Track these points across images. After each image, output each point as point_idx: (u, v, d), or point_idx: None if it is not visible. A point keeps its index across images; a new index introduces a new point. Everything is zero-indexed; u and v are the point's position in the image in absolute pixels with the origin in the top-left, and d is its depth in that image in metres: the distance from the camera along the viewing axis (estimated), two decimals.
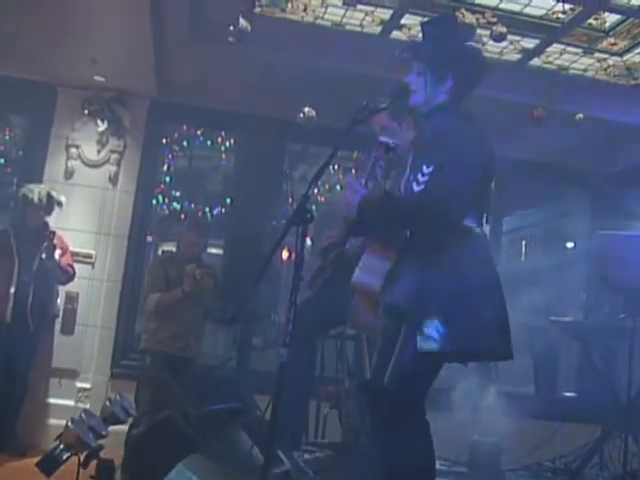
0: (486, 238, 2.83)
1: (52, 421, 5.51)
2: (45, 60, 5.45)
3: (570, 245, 7.30)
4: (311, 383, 4.13)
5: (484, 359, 2.99)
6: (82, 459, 3.17)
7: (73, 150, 5.94)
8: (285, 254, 7.39)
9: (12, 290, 5.23)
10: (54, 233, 5.40)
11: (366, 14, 5.14)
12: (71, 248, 5.63)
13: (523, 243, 8.61)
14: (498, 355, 2.80)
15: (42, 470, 3.15)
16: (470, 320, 2.55)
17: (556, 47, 5.34)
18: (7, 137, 6.75)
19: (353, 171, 6.26)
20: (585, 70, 5.63)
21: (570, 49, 5.35)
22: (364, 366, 3.99)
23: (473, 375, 4.35)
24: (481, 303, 2.59)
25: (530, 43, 5.30)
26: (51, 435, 3.57)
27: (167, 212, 6.95)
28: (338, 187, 6.99)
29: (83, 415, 3.33)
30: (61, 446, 3.16)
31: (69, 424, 3.21)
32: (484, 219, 2.78)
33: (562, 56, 5.47)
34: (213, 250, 6.56)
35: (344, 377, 4.36)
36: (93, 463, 3.20)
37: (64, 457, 3.14)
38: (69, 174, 5.96)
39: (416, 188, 2.62)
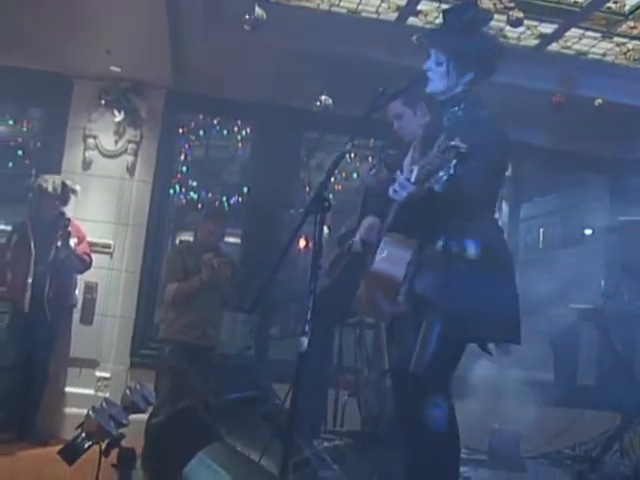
0: (500, 227, 2.93)
1: (72, 410, 5.53)
2: (60, 51, 5.44)
3: (588, 232, 7.23)
4: (329, 371, 4.14)
5: (498, 342, 3.04)
6: (103, 448, 3.18)
7: (90, 141, 5.95)
8: (302, 243, 7.36)
9: (29, 280, 5.27)
10: (69, 220, 5.43)
11: (382, 0, 5.10)
12: (89, 238, 5.66)
13: (541, 231, 8.53)
14: (511, 339, 2.85)
15: (64, 458, 3.14)
16: (491, 307, 2.63)
17: (575, 32, 5.29)
18: (24, 129, 6.76)
19: (370, 159, 6.23)
20: (604, 55, 5.56)
21: (589, 33, 5.29)
22: (383, 354, 3.97)
23: (490, 362, 4.33)
24: (500, 290, 2.69)
25: (548, 28, 5.25)
26: (71, 424, 3.58)
27: (184, 202, 6.94)
28: (355, 175, 6.94)
29: (104, 404, 3.32)
30: (83, 435, 3.15)
31: (90, 413, 3.19)
32: (496, 207, 2.87)
33: (581, 41, 5.41)
34: (230, 239, 6.55)
35: (363, 365, 4.33)
36: (114, 452, 3.21)
37: (86, 446, 3.12)
38: (87, 165, 5.98)
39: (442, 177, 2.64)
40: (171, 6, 4.65)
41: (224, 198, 7.09)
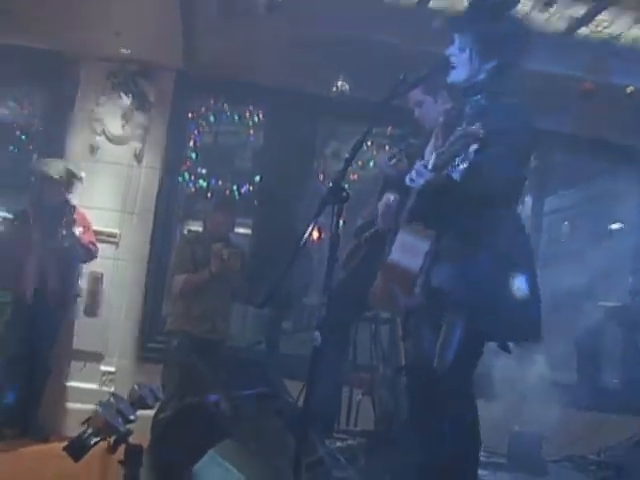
0: (521, 220, 2.89)
1: (75, 405, 5.43)
2: (68, 31, 5.30)
3: (615, 226, 7.08)
4: (344, 367, 4.10)
5: (517, 341, 2.93)
6: (111, 444, 3.09)
7: (97, 125, 5.82)
8: (315, 234, 7.23)
9: (32, 270, 5.14)
10: (74, 207, 5.33)
11: None
12: (95, 227, 5.55)
13: (565, 224, 8.43)
14: (531, 337, 2.81)
15: (71, 455, 3.10)
16: (510, 303, 2.59)
17: (606, 15, 5.12)
18: (27, 112, 6.65)
19: (387, 148, 6.11)
20: (637, 39, 5.38)
21: (621, 17, 5.12)
22: (399, 351, 3.87)
23: (511, 360, 4.20)
24: (520, 286, 2.63)
25: (578, 11, 5.09)
26: (74, 420, 3.52)
27: (193, 190, 6.82)
28: (371, 164, 6.80)
29: (112, 399, 3.28)
30: (89, 430, 3.08)
31: (98, 408, 3.15)
32: (519, 200, 2.88)
33: (612, 24, 5.24)
34: (241, 230, 6.43)
35: (378, 362, 4.26)
36: (121, 448, 3.10)
37: (92, 442, 3.06)
38: (93, 150, 5.84)
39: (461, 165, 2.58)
40: None
41: (234, 187, 6.95)
